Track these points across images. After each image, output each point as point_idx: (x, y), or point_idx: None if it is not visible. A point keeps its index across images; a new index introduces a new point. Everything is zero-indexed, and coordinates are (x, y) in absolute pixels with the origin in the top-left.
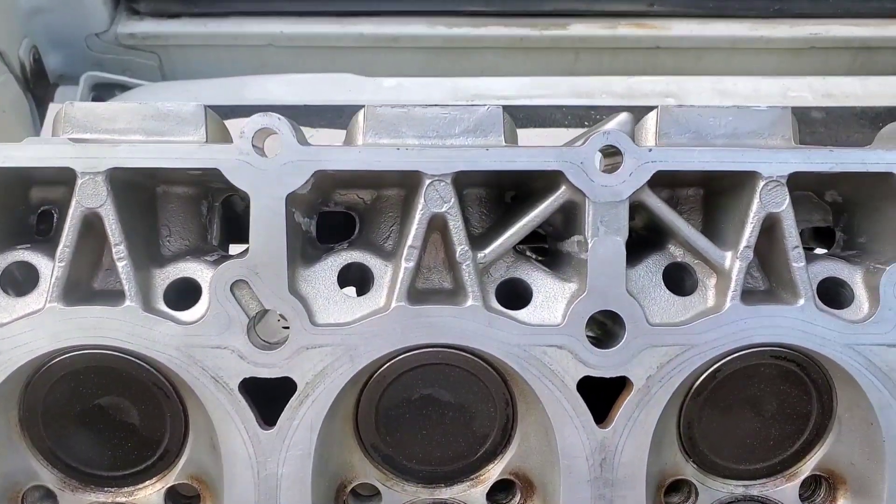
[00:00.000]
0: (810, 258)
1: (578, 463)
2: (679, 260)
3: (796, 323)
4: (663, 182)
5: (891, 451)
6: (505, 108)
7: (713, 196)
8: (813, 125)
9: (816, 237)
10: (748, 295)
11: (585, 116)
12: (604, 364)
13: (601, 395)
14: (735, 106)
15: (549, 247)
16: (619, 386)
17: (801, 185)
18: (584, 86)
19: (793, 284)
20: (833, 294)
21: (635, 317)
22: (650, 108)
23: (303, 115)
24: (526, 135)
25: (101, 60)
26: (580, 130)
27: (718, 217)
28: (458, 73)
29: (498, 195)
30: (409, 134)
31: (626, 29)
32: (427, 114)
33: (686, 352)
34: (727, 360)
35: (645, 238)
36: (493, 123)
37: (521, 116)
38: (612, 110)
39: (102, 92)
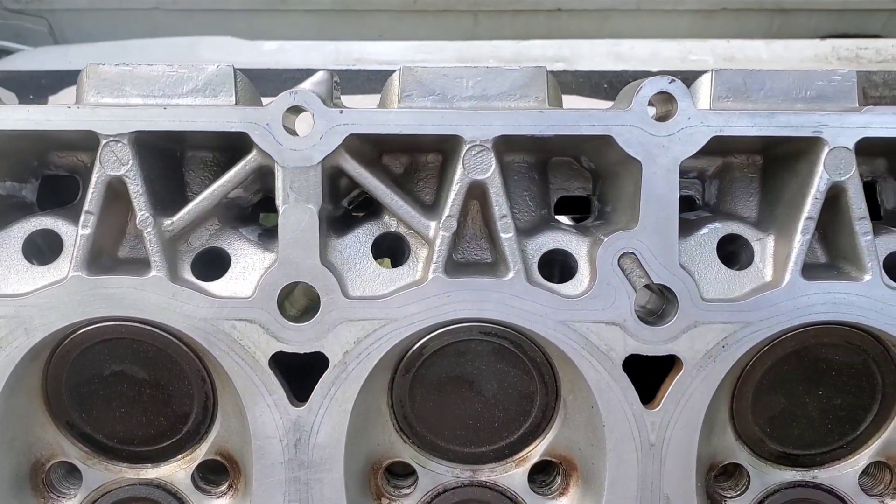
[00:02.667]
0: (541, 227)
1: (272, 444)
2: (393, 230)
3: (504, 297)
4: (403, 148)
5: (611, 436)
6: (384, 72)
7: (446, 163)
8: None
9: None
10: (469, 267)
11: None
12: (297, 339)
13: None
14: (485, 66)
15: None
16: None
17: (558, 151)
18: (471, 50)
19: (504, 256)
20: (562, 267)
21: (330, 288)
22: None
23: None
24: None
25: None
26: None
27: (444, 185)
28: (353, 37)
29: (231, 159)
30: (132, 93)
31: None
32: (152, 72)
33: (384, 326)
34: (432, 337)
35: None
36: (223, 83)
37: None
38: None
39: None
